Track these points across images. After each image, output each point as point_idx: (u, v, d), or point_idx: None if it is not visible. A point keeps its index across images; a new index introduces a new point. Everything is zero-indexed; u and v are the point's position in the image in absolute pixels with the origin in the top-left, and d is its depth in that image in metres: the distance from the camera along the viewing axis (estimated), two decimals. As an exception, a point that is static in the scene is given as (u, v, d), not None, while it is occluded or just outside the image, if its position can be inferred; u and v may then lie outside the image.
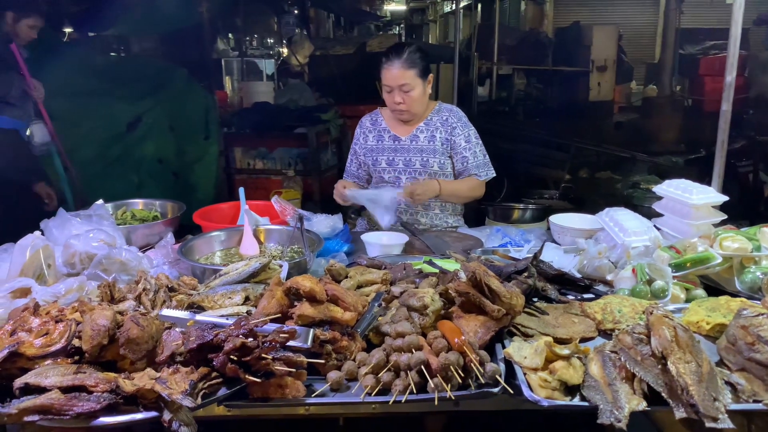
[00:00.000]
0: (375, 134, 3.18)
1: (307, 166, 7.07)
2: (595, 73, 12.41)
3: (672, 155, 9.59)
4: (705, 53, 13.19)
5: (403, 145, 3.10)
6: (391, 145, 3.12)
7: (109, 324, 1.52)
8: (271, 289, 1.75)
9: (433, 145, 3.04)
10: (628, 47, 14.22)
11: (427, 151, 3.04)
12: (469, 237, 2.72)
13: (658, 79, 12.55)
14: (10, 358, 1.44)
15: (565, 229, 2.68)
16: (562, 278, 2.08)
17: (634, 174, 9.14)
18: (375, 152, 3.15)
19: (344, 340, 1.66)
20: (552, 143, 9.10)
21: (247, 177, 7.30)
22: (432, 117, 3.08)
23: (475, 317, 1.70)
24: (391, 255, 2.54)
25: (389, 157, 3.11)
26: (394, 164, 3.10)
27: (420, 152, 3.06)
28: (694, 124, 10.97)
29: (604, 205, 6.64)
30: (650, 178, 6.00)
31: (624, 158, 9.39)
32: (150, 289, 1.84)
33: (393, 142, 3.12)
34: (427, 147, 3.05)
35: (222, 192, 7.11)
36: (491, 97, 12.25)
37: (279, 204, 2.72)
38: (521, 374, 1.50)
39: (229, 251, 2.47)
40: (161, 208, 3.01)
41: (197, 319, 1.65)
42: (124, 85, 5.80)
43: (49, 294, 1.91)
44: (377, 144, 3.16)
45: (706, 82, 12.05)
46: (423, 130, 3.07)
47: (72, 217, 2.45)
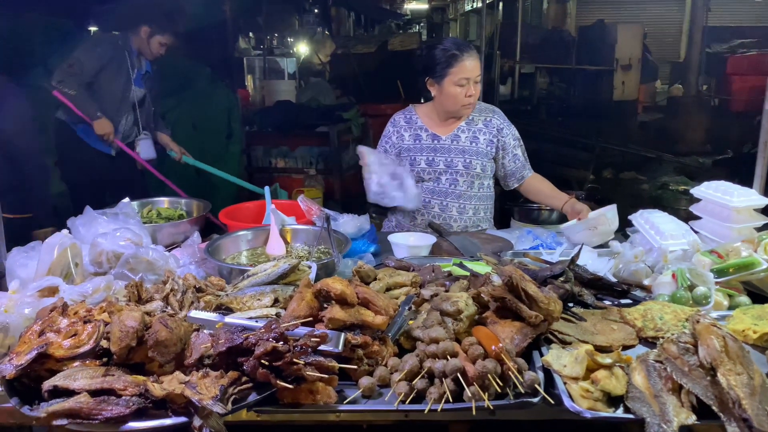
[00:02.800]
0: (411, 133, 3.08)
1: (329, 165, 7.04)
2: (619, 72, 12.21)
3: (698, 156, 9.42)
4: (732, 52, 12.93)
5: (443, 145, 3.01)
6: (431, 144, 3.03)
7: (137, 325, 1.49)
8: (300, 291, 1.71)
9: (476, 146, 2.98)
10: (653, 45, 14.00)
11: (469, 152, 2.98)
12: (498, 239, 2.66)
13: (683, 78, 12.34)
14: (38, 359, 1.42)
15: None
16: (598, 283, 2.01)
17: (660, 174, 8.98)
18: (412, 151, 3.05)
19: (375, 344, 1.61)
20: (576, 143, 8.97)
21: (269, 176, 7.29)
22: (473, 117, 3.01)
23: (511, 323, 1.64)
24: (418, 256, 2.49)
25: (429, 157, 3.02)
26: (435, 164, 3.01)
27: (462, 153, 2.98)
28: (721, 124, 10.77)
29: (631, 206, 6.53)
30: (679, 179, 5.87)
31: (649, 158, 9.23)
32: (178, 289, 1.81)
33: (432, 141, 3.03)
34: (470, 148, 2.98)
35: (244, 191, 7.12)
36: (513, 96, 12.13)
37: (305, 203, 2.69)
38: (561, 383, 1.44)
39: (255, 251, 2.44)
40: (186, 206, 2.99)
41: (226, 321, 1.61)
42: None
43: (76, 293, 1.89)
44: (415, 143, 3.06)
45: (734, 81, 11.81)
46: (464, 129, 3.00)
47: (99, 215, 2.44)
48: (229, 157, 6.85)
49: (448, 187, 3.00)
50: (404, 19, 18.75)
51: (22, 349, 1.44)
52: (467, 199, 3.01)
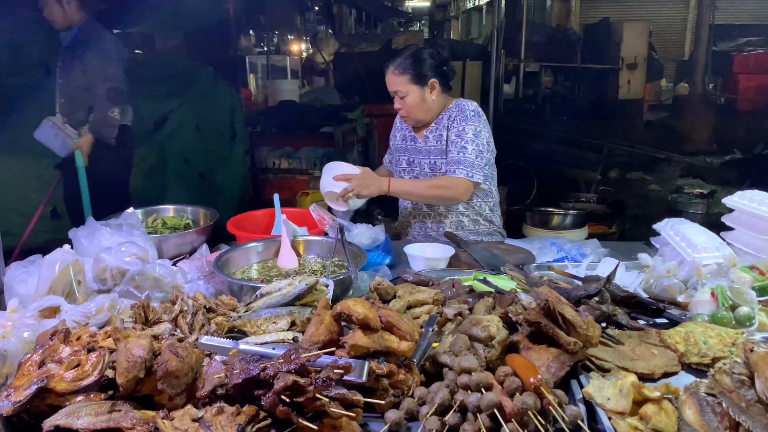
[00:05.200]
0: (402, 134, 3.10)
1: (334, 166, 6.92)
2: (624, 71, 12.07)
3: (705, 155, 9.29)
4: (739, 50, 12.80)
5: (418, 147, 2.98)
6: (411, 146, 3.02)
7: (145, 354, 1.38)
8: (318, 313, 1.60)
9: (440, 145, 2.88)
10: (658, 44, 13.86)
11: (434, 152, 2.90)
12: (520, 249, 2.54)
13: (689, 76, 12.20)
14: (38, 395, 1.30)
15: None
16: (632, 301, 1.90)
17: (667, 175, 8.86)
18: (399, 152, 3.08)
19: (401, 373, 1.50)
20: (583, 143, 8.85)
21: (273, 176, 7.18)
22: (442, 116, 2.91)
23: (547, 349, 1.53)
24: (436, 269, 2.38)
25: (410, 158, 3.02)
26: (413, 165, 3.01)
27: (428, 154, 2.92)
28: (728, 123, 10.64)
29: (644, 209, 6.36)
30: (694, 182, 5.75)
31: (656, 158, 9.11)
32: (187, 311, 1.69)
33: (412, 142, 3.02)
34: (435, 148, 2.90)
35: (248, 192, 7.01)
36: (518, 95, 12.00)
37: (317, 213, 2.57)
38: (605, 419, 1.33)
39: (266, 264, 2.32)
40: (193, 215, 2.87)
41: (241, 349, 1.50)
42: (151, 84, 5.71)
43: (79, 314, 1.77)
44: (401, 144, 3.08)
45: (740, 80, 11.68)
46: (433, 130, 2.92)
47: (101, 227, 2.32)
48: (234, 158, 6.75)
49: None
50: (407, 16, 18.63)
51: (20, 383, 1.32)
52: None
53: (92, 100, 4.02)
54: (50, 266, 1.85)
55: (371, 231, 2.47)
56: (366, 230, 2.47)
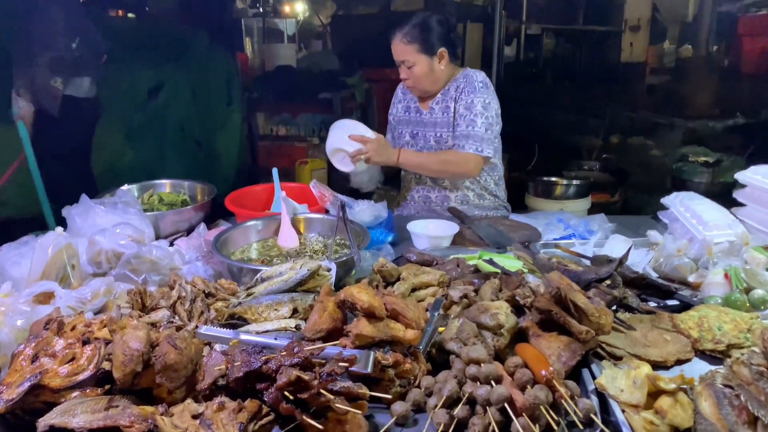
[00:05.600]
0: (404, 105, 2.99)
1: (332, 134, 6.83)
2: (627, 33, 11.79)
3: (708, 120, 9.15)
4: (744, 11, 12.52)
5: (423, 119, 2.88)
6: (415, 118, 2.92)
7: (142, 347, 1.33)
8: (321, 300, 1.54)
9: (447, 117, 2.79)
10: (662, 4, 13.55)
11: (440, 124, 2.81)
12: (525, 226, 2.48)
13: (693, 39, 11.95)
14: (32, 391, 1.26)
15: None
16: (642, 282, 1.85)
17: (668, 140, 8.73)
18: (401, 124, 2.98)
19: (407, 362, 1.46)
20: (585, 108, 8.71)
21: (271, 144, 7.09)
22: (449, 87, 2.81)
23: (557, 337, 1.48)
24: (440, 247, 2.32)
25: (413, 130, 2.93)
26: (417, 139, 2.92)
27: (434, 126, 2.83)
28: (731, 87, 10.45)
29: (647, 177, 6.25)
30: (699, 150, 5.65)
31: (657, 123, 8.97)
32: (186, 297, 1.64)
33: (417, 114, 2.92)
34: (441, 120, 2.81)
35: (246, 160, 6.90)
36: (519, 58, 11.77)
37: (317, 189, 2.50)
38: (619, 412, 1.29)
39: (266, 243, 2.26)
40: (190, 190, 2.80)
41: (242, 339, 1.45)
42: (144, 50, 5.55)
43: (74, 299, 1.72)
44: (404, 115, 2.98)
45: (745, 42, 11.44)
46: (439, 101, 2.83)
47: (96, 205, 2.25)
48: (231, 125, 6.62)
49: None
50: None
51: (13, 379, 1.28)
52: None
53: (34, 70, 3.86)
54: (43, 250, 1.78)
55: (373, 208, 2.41)
56: (368, 207, 2.41)
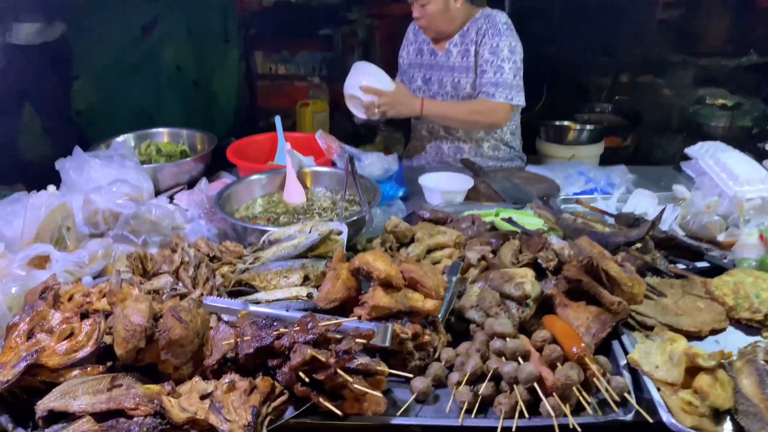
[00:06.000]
0: (416, 47, 2.80)
1: (333, 73, 6.60)
2: (638, -35, 11.29)
3: (720, 57, 8.85)
4: (762, -62, 11.93)
5: (439, 61, 2.69)
6: (429, 61, 2.73)
7: (145, 322, 1.24)
8: (334, 267, 1.45)
9: (466, 61, 2.60)
10: (673, -69, 12.91)
11: (458, 69, 2.63)
12: (542, 179, 2.36)
13: (706, -31, 11.45)
14: (29, 371, 1.17)
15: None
16: (671, 243, 1.75)
17: (679, 78, 8.46)
18: (413, 67, 2.79)
19: (426, 333, 1.37)
20: (594, 45, 8.42)
21: (270, 83, 6.86)
22: (469, 28, 2.61)
23: (586, 307, 1.39)
24: (454, 203, 2.21)
25: (426, 74, 2.74)
26: (430, 83, 2.73)
27: (451, 71, 2.65)
28: (744, 22, 10.08)
29: (662, 121, 6.05)
30: (717, 92, 5.45)
31: (668, 61, 8.69)
32: (189, 262, 1.54)
33: (431, 56, 2.72)
34: (459, 64, 2.63)
35: (244, 100, 6.70)
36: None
37: (324, 140, 2.37)
38: (654, 391, 1.21)
39: (271, 198, 2.15)
40: (189, 139, 2.66)
41: (251, 311, 1.36)
42: (136, -18, 5.28)
43: (71, 263, 1.63)
44: (416, 58, 2.79)
45: (761, -26, 10.99)
46: (457, 43, 2.63)
47: (91, 158, 2.13)
48: (228, 64, 6.39)
49: None
50: None
51: (7, 359, 1.19)
52: None
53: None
54: (35, 210, 1.68)
55: (383, 161, 2.28)
56: (378, 160, 2.28)
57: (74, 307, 1.34)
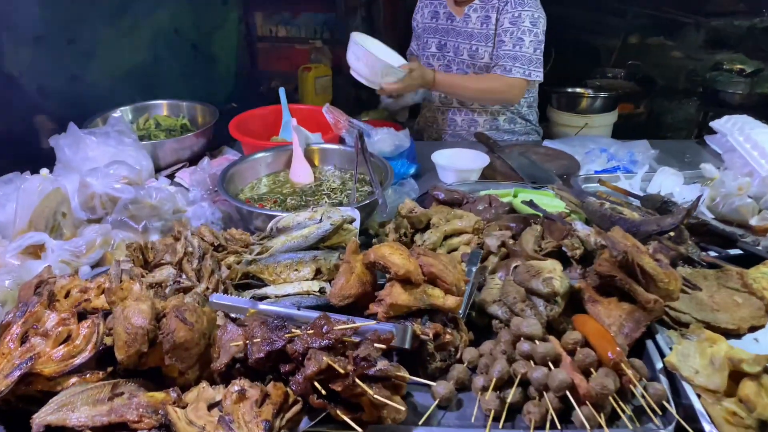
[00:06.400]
0: (431, 9, 2.61)
1: (335, 35, 6.41)
2: None
3: (732, 18, 8.59)
4: None
5: (455, 27, 2.52)
6: (445, 25, 2.55)
7: (147, 324, 1.15)
8: (348, 260, 1.35)
9: (486, 29, 2.45)
10: None
11: (477, 36, 2.47)
12: (561, 155, 2.25)
13: None
14: (23, 380, 1.09)
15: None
16: (702, 229, 1.65)
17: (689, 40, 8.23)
18: (427, 32, 2.62)
19: (447, 332, 1.29)
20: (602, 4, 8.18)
21: (270, 46, 6.66)
22: None
23: (618, 304, 1.30)
24: (468, 181, 2.10)
25: (441, 41, 2.57)
26: (445, 50, 2.56)
27: (469, 38, 2.49)
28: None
29: (676, 87, 5.85)
30: (735, 57, 5.27)
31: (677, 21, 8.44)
32: (193, 253, 1.45)
33: (447, 21, 2.55)
34: (478, 32, 2.47)
35: (244, 63, 6.52)
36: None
37: (331, 114, 2.25)
38: (695, 399, 1.13)
39: (277, 177, 2.05)
40: (189, 112, 2.55)
41: (261, 309, 1.27)
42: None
43: (67, 252, 1.54)
44: (431, 22, 2.60)
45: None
46: (477, 8, 2.47)
47: (86, 135, 2.02)
48: (228, 26, 6.21)
49: None
50: None
51: (0, 366, 1.11)
52: None
53: None
54: (27, 195, 1.57)
55: (394, 136, 2.17)
56: (388, 136, 2.16)
57: (71, 306, 1.26)
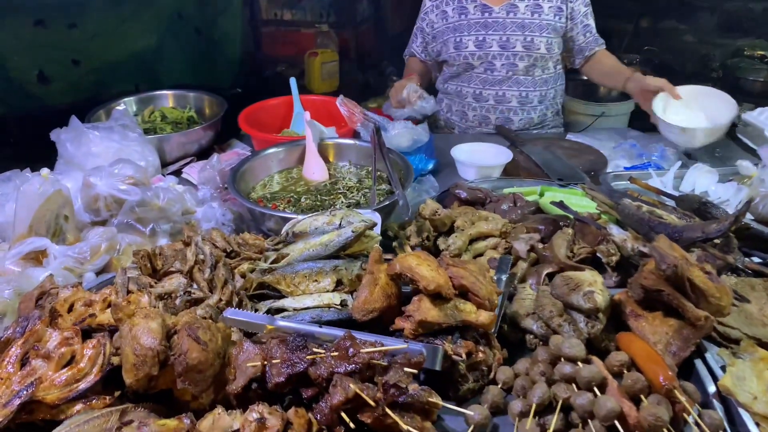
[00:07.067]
0: (455, 6, 2.43)
1: (341, 18, 6.27)
2: None
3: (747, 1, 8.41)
4: None
5: (496, 19, 2.37)
6: (480, 20, 2.38)
7: (157, 345, 1.06)
8: (371, 271, 1.26)
9: (540, 18, 2.34)
10: None
11: (530, 27, 2.35)
12: (587, 149, 2.15)
13: None
14: (24, 408, 1.00)
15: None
16: (745, 232, 1.54)
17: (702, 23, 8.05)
18: (457, 31, 2.42)
19: (480, 351, 1.20)
20: (617, -14, 8.00)
21: (275, 29, 6.52)
22: None
23: (663, 320, 1.21)
24: (490, 178, 2.00)
25: (478, 36, 2.39)
26: (486, 45, 2.39)
27: (521, 28, 2.35)
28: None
29: (695, 74, 5.70)
30: (757, 43, 5.12)
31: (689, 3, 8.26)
32: (205, 261, 1.35)
33: (482, 14, 2.39)
34: (531, 21, 2.34)
35: (249, 48, 6.40)
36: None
37: (345, 107, 2.14)
38: (753, 428, 1.04)
39: (290, 173, 1.95)
40: (196, 102, 2.44)
41: (279, 326, 1.18)
42: None
43: (71, 259, 1.44)
44: (460, 19, 2.41)
45: None
46: None
47: (88, 130, 1.92)
48: (232, 10, 6.09)
49: (505, 74, 2.42)
50: None
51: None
52: (530, 85, 2.45)
53: None
54: (27, 198, 1.48)
55: (412, 131, 2.06)
56: (405, 130, 2.05)
57: (75, 320, 1.17)
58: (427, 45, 2.57)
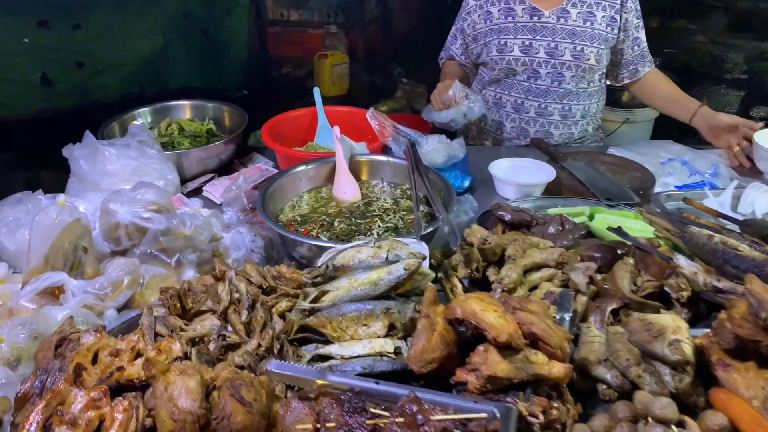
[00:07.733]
0: (501, 6, 2.28)
1: (350, 18, 6.14)
2: None
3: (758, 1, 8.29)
4: None
5: (546, 24, 2.22)
6: (528, 23, 2.24)
7: (197, 407, 0.94)
8: (427, 314, 1.13)
9: (592, 26, 2.20)
10: None
11: (581, 35, 2.21)
12: (633, 165, 2.02)
13: None
14: (49, 487, 0.88)
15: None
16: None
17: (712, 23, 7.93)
18: (503, 33, 2.27)
19: (554, 407, 1.07)
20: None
21: (282, 30, 6.42)
22: None
23: (758, 372, 1.08)
24: (531, 197, 1.88)
25: (525, 41, 2.25)
26: (532, 51, 2.24)
27: (572, 36, 2.21)
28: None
29: (719, 78, 5.56)
30: (781, 44, 5.00)
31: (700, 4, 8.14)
32: (241, 302, 1.23)
33: (531, 17, 2.24)
34: (582, 29, 2.20)
35: (255, 49, 6.28)
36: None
37: (376, 119, 2.01)
38: None
39: (319, 193, 1.82)
40: (215, 113, 2.30)
41: (331, 381, 1.05)
42: None
43: (91, 295, 1.32)
44: (506, 21, 2.27)
45: None
46: (576, 3, 2.20)
47: (104, 147, 1.79)
48: (238, 10, 5.98)
49: (550, 84, 2.29)
50: None
51: (19, 471, 0.90)
52: (574, 98, 2.32)
53: None
54: (42, 229, 1.35)
55: (448, 147, 1.93)
56: (440, 146, 1.92)
57: (101, 374, 1.04)
58: (467, 47, 2.42)
